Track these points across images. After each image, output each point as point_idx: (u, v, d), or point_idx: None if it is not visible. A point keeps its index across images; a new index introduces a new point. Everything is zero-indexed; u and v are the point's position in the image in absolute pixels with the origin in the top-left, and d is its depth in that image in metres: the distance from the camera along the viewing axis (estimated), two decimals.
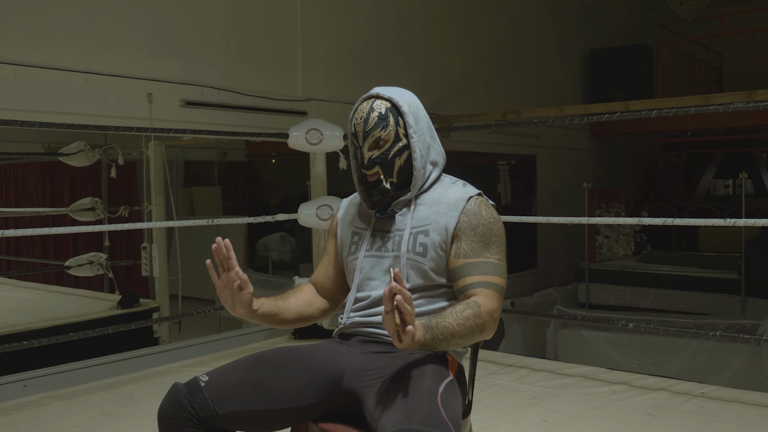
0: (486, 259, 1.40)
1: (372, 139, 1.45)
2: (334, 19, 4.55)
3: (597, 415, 2.54)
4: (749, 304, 5.83)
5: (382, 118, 1.44)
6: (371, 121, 1.44)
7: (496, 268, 1.41)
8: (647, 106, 4.56)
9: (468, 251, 1.41)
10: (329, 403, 1.42)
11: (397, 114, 1.46)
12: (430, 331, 1.25)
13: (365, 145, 1.46)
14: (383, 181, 1.46)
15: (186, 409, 1.35)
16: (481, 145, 6.21)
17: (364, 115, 1.45)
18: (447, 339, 1.28)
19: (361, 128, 1.45)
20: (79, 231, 3.86)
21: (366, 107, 1.46)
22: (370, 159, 1.45)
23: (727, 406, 2.59)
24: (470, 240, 1.42)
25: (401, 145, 1.46)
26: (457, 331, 1.29)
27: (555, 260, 7.44)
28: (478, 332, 1.33)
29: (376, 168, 1.46)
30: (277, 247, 7.28)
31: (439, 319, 1.28)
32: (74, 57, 3.22)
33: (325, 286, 1.61)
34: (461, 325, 1.29)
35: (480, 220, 1.43)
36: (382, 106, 1.46)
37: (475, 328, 1.31)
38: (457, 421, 1.26)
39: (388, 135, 1.45)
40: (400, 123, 1.46)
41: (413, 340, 1.19)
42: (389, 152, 1.45)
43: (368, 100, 1.47)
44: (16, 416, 2.62)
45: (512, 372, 3.09)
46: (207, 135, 3.67)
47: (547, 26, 7.13)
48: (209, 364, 3.22)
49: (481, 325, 1.32)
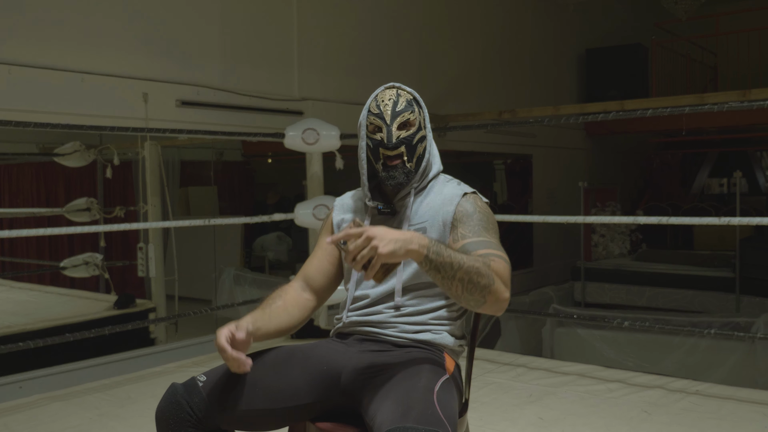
0: (486, 238, 1.40)
1: (403, 119, 1.47)
2: (330, 19, 4.55)
3: (593, 412, 2.55)
4: (744, 302, 5.86)
5: (410, 104, 1.49)
6: (401, 104, 1.48)
7: (496, 245, 1.39)
8: (642, 105, 4.58)
9: (466, 233, 1.41)
10: (327, 403, 1.42)
11: (419, 107, 1.52)
12: (438, 246, 1.22)
13: (394, 125, 1.47)
14: (406, 163, 1.47)
15: (184, 409, 1.35)
16: (477, 144, 6.23)
17: (394, 98, 1.48)
18: (453, 266, 1.23)
19: (390, 108, 1.48)
20: (74, 232, 3.84)
21: (392, 93, 1.50)
22: (399, 138, 1.47)
23: (721, 404, 2.60)
24: (467, 224, 1.42)
25: (422, 135, 1.50)
26: (464, 265, 1.23)
27: (551, 259, 7.46)
28: (484, 283, 1.25)
29: (402, 148, 1.47)
30: (274, 247, 7.28)
31: (448, 248, 1.25)
32: (69, 57, 3.21)
33: (316, 280, 1.57)
34: (470, 263, 1.24)
35: (476, 209, 1.45)
36: (408, 95, 1.51)
37: (482, 275, 1.25)
38: (454, 419, 1.27)
39: (415, 120, 1.49)
40: (422, 115, 1.52)
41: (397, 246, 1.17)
42: (414, 137, 1.48)
43: (391, 89, 1.51)
44: (11, 417, 2.61)
45: (509, 370, 3.10)
46: (203, 135, 3.67)
47: (542, 26, 7.14)
48: (206, 365, 3.22)
49: (489, 277, 1.26)
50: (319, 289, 1.57)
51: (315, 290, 1.56)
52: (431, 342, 1.46)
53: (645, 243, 7.70)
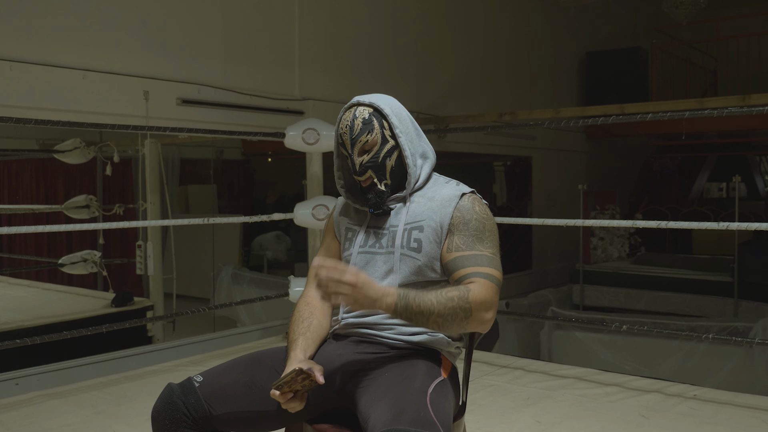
0: (479, 251, 1.40)
1: (360, 144, 1.46)
2: (331, 19, 4.55)
3: (590, 416, 2.55)
4: (742, 307, 5.86)
5: (366, 123, 1.46)
6: (356, 128, 1.46)
7: (489, 260, 1.39)
8: (642, 109, 4.58)
9: (460, 245, 1.41)
10: (323, 404, 1.42)
11: (380, 117, 1.48)
12: (405, 300, 1.28)
13: (354, 152, 1.47)
14: (378, 184, 1.47)
15: (180, 410, 1.35)
16: (477, 146, 6.23)
17: (349, 123, 1.47)
18: (423, 314, 1.28)
19: (348, 136, 1.47)
20: (73, 229, 3.84)
21: (349, 116, 1.48)
22: (362, 164, 1.46)
23: (719, 408, 2.60)
24: (463, 234, 1.42)
25: (389, 147, 1.48)
26: (435, 310, 1.28)
27: (550, 262, 7.46)
28: (461, 317, 1.30)
29: (368, 173, 1.47)
30: (273, 246, 7.28)
31: (420, 293, 1.29)
32: (70, 54, 3.21)
33: None
34: (442, 304, 1.29)
35: (473, 215, 1.44)
36: (365, 112, 1.47)
37: (458, 311, 1.29)
38: (447, 422, 1.26)
39: (374, 138, 1.46)
40: (385, 125, 1.48)
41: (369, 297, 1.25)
42: (378, 155, 1.47)
43: (350, 109, 1.49)
44: (8, 415, 2.60)
45: (506, 373, 3.10)
46: (203, 133, 3.67)
47: (543, 29, 7.15)
48: (203, 364, 3.21)
49: (466, 309, 1.30)
50: None
51: None
52: (427, 344, 1.45)
53: (644, 246, 7.70)
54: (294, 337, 1.44)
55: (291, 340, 1.44)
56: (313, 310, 1.50)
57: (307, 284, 1.58)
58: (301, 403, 1.33)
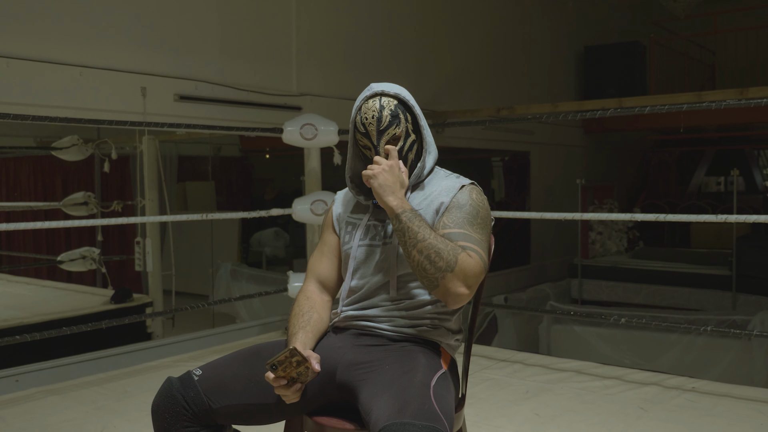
0: (467, 232, 1.38)
1: (388, 137, 1.45)
2: (329, 14, 4.54)
3: (589, 409, 2.56)
4: (740, 300, 5.88)
5: (394, 116, 1.45)
6: (385, 120, 1.44)
7: (477, 241, 1.38)
8: (640, 103, 4.59)
9: (448, 223, 1.40)
10: (323, 397, 1.42)
11: (405, 110, 1.47)
12: (414, 213, 1.35)
13: (381, 144, 1.45)
14: None
15: (180, 403, 1.35)
16: (474, 141, 6.23)
17: (376, 114, 1.44)
18: (417, 236, 1.33)
19: (374, 127, 1.45)
20: (71, 225, 3.83)
21: (375, 105, 1.45)
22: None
23: (717, 401, 2.61)
24: (453, 214, 1.41)
25: (411, 141, 1.48)
26: (427, 240, 1.32)
27: (548, 256, 7.47)
28: (441, 267, 1.30)
29: None
30: (271, 243, 7.28)
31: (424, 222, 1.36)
32: (68, 50, 3.20)
33: (330, 279, 1.57)
34: (436, 241, 1.33)
35: (468, 201, 1.44)
36: (391, 104, 1.46)
37: (444, 258, 1.31)
38: (450, 414, 1.27)
39: (401, 132, 1.47)
40: (408, 118, 1.48)
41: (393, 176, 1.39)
42: (402, 148, 1.47)
43: (374, 98, 1.46)
44: (8, 411, 2.61)
45: (505, 367, 3.10)
46: (201, 129, 3.66)
47: (541, 23, 7.13)
48: (203, 359, 3.22)
49: (450, 263, 1.30)
50: (333, 288, 1.59)
51: (330, 289, 1.58)
52: (427, 336, 1.46)
53: (642, 240, 7.71)
54: (294, 330, 1.44)
55: (291, 334, 1.44)
56: (312, 304, 1.50)
57: (306, 278, 1.58)
58: (296, 394, 1.32)
